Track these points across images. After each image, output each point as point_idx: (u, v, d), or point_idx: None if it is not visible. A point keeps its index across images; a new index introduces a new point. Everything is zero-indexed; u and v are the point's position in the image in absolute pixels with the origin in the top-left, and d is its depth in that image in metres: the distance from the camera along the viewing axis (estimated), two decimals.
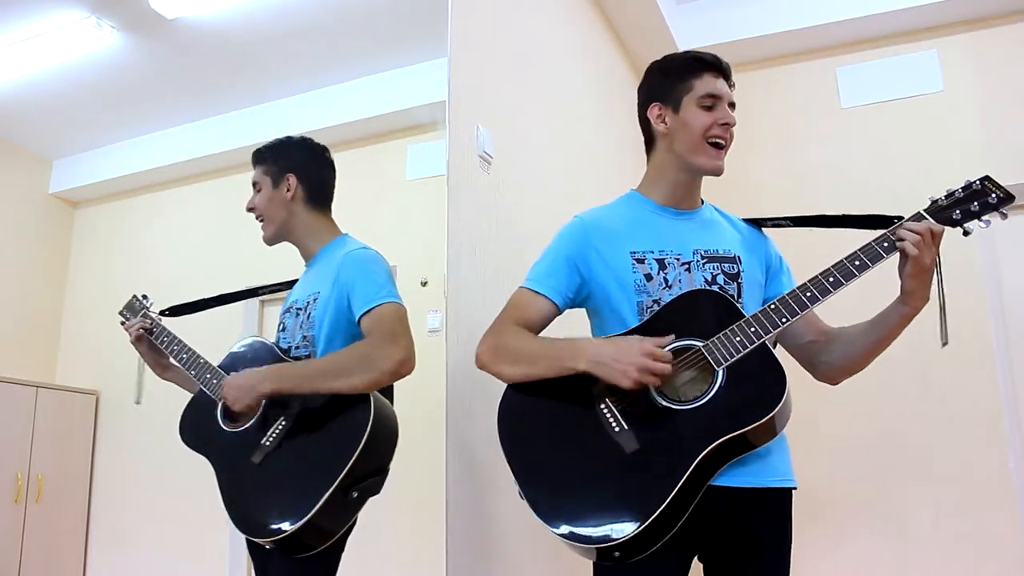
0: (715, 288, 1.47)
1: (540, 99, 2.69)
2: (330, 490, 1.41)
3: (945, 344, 1.37)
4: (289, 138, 1.81)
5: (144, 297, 1.81)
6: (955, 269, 3.21)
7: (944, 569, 2.95)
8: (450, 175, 2.01)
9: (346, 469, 1.43)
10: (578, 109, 3.02)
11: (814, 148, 3.53)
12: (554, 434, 1.42)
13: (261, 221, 1.75)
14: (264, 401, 1.57)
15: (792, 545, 1.45)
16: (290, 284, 1.81)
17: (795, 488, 1.46)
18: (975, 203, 1.33)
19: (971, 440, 3.03)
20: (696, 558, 1.45)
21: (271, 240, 1.76)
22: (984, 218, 1.34)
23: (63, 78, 2.18)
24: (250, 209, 1.76)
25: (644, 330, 1.43)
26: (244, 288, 1.86)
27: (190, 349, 1.71)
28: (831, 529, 3.10)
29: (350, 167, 2.29)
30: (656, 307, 1.46)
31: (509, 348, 1.48)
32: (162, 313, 1.79)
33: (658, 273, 1.48)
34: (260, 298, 1.90)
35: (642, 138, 1.65)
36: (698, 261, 1.50)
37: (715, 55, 1.56)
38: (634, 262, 1.49)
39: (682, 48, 3.23)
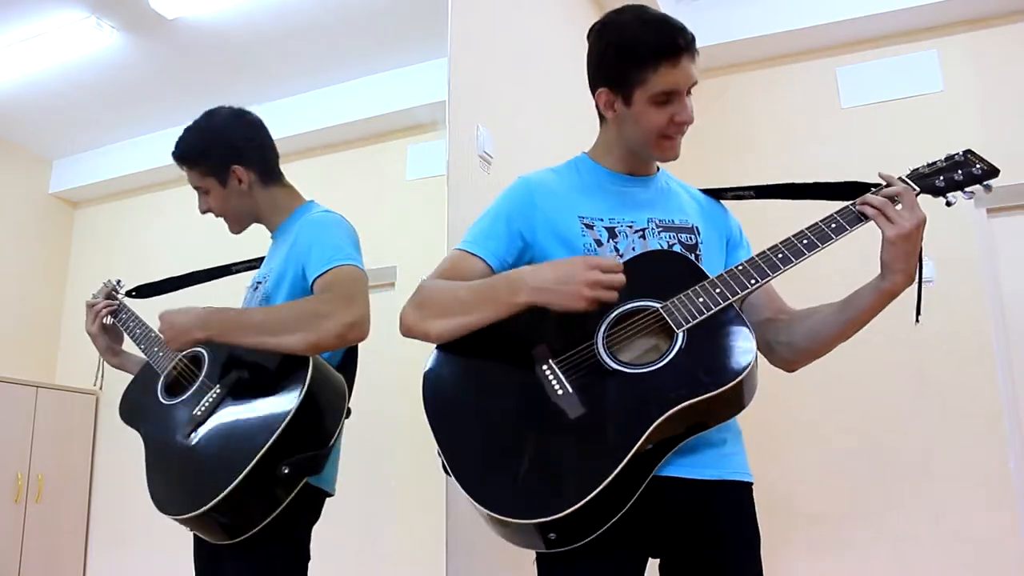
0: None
1: (540, 99, 2.69)
2: (253, 462, 1.29)
3: (917, 322, 1.30)
4: (208, 124, 1.65)
5: (118, 282, 1.75)
6: (954, 268, 3.22)
7: (944, 569, 2.95)
8: (450, 175, 2.01)
9: (272, 440, 1.30)
10: (578, 110, 3.02)
11: (814, 148, 3.52)
12: (488, 399, 1.26)
13: (224, 219, 1.64)
14: (202, 351, 1.47)
15: (762, 543, 1.31)
16: (262, 260, 1.71)
17: (752, 483, 1.33)
18: (959, 172, 1.26)
19: (971, 440, 3.02)
20: (656, 561, 1.30)
21: (239, 231, 1.66)
22: (968, 189, 1.26)
23: (63, 78, 2.18)
24: (205, 211, 1.64)
25: None
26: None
27: (144, 324, 1.63)
28: (829, 530, 3.09)
29: (350, 167, 2.30)
30: None
31: (436, 300, 1.31)
32: (128, 294, 1.72)
33: (608, 241, 1.35)
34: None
35: None
36: (653, 229, 1.37)
37: (675, 36, 1.37)
38: (583, 227, 1.36)
39: None
